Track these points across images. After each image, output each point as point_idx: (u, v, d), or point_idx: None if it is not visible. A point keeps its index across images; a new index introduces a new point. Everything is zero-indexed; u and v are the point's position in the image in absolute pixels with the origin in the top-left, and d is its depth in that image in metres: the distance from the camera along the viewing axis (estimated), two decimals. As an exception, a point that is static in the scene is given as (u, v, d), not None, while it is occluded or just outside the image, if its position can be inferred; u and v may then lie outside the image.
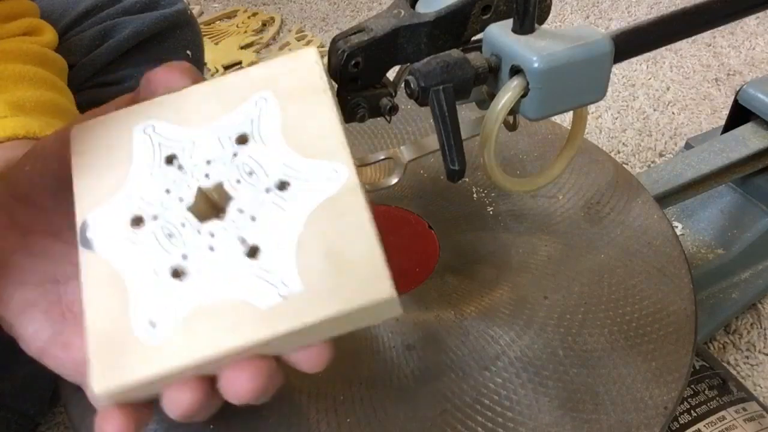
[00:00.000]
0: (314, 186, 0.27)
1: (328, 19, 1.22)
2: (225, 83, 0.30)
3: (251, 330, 0.25)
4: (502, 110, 0.35)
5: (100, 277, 0.27)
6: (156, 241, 0.28)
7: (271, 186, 0.28)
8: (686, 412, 0.47)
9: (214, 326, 0.26)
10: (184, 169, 0.29)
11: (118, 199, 0.29)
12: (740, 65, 1.04)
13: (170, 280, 0.27)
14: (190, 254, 0.27)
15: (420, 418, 0.34)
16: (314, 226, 0.27)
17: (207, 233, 0.27)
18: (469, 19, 0.38)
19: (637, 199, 0.48)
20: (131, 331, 0.26)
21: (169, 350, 0.26)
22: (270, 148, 0.28)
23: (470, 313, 0.40)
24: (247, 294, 0.26)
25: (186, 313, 0.26)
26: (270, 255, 0.27)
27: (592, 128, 0.92)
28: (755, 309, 0.67)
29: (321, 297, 0.26)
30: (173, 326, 0.26)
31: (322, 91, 0.29)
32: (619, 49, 0.35)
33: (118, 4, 0.66)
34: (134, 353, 0.26)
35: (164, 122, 0.29)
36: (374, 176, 0.49)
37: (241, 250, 0.27)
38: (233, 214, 0.28)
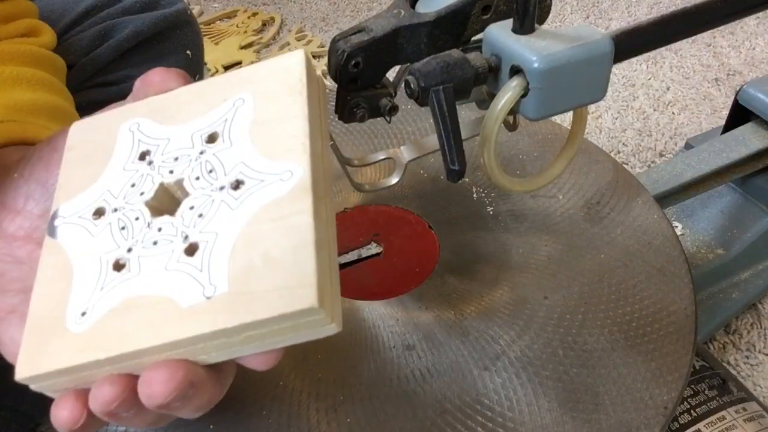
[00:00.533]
0: (266, 186, 0.26)
1: (328, 19, 1.22)
2: (213, 84, 0.30)
3: (168, 329, 0.25)
4: (502, 110, 0.35)
5: (54, 264, 0.28)
6: (110, 232, 0.28)
7: (226, 184, 0.27)
8: (686, 412, 0.47)
9: (135, 321, 0.25)
10: (153, 164, 0.29)
11: (89, 192, 0.29)
12: (740, 65, 1.04)
13: (110, 272, 0.27)
14: (135, 247, 0.27)
15: (420, 418, 0.34)
16: (254, 226, 0.26)
17: (155, 228, 0.27)
18: (469, 19, 0.38)
19: (637, 199, 0.48)
20: (64, 320, 0.26)
21: (90, 342, 0.25)
22: (235, 147, 0.28)
23: (470, 313, 0.40)
24: (173, 291, 0.25)
25: (115, 305, 0.26)
26: (206, 254, 0.26)
27: (592, 128, 0.92)
28: (755, 309, 0.67)
29: (243, 301, 0.24)
30: (99, 317, 0.26)
31: (297, 93, 0.28)
32: (619, 49, 0.35)
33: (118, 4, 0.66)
34: (59, 341, 0.26)
35: (149, 120, 0.30)
36: (374, 176, 0.49)
37: (182, 246, 0.26)
38: (184, 210, 0.27)
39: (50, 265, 0.28)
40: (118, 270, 0.27)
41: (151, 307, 0.25)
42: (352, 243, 0.45)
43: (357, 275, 0.43)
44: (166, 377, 0.24)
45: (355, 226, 0.47)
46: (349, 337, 0.39)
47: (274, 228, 0.25)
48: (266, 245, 0.25)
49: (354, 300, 0.41)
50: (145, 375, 0.24)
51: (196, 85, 0.30)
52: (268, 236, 0.25)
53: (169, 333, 0.25)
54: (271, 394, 0.36)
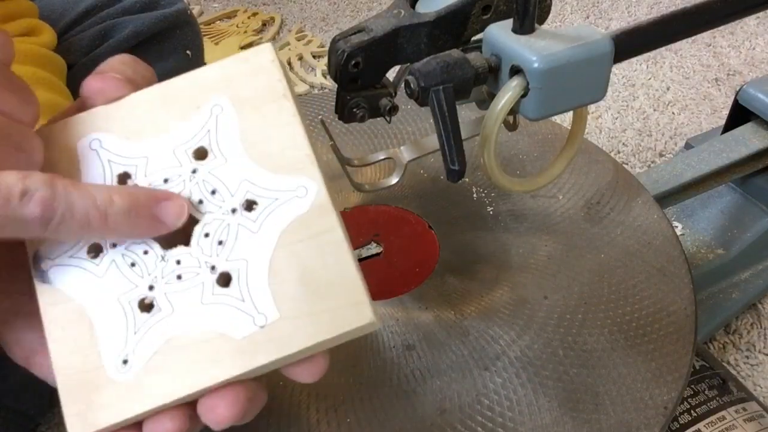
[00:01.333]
0: (283, 205, 0.25)
1: (328, 19, 1.22)
2: (173, 88, 0.27)
3: (229, 363, 0.24)
4: (502, 110, 0.35)
5: (63, 312, 0.26)
6: (118, 270, 0.26)
7: (237, 206, 0.26)
8: (686, 412, 0.47)
9: (190, 360, 0.25)
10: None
11: None
12: (740, 65, 1.04)
13: (139, 313, 0.25)
14: (157, 284, 0.25)
15: (420, 418, 0.34)
16: (286, 248, 0.25)
17: (173, 261, 0.25)
18: (469, 19, 0.38)
19: (637, 199, 0.48)
20: (103, 370, 0.25)
21: (144, 388, 0.25)
22: (231, 163, 0.26)
23: (470, 313, 0.40)
24: (222, 325, 0.25)
25: (158, 347, 0.25)
26: (242, 282, 0.25)
27: (592, 128, 0.92)
28: (755, 309, 0.67)
29: (300, 325, 0.24)
30: (146, 362, 0.25)
31: (283, 97, 0.26)
32: (619, 49, 0.35)
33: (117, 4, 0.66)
34: (108, 393, 0.25)
35: (111, 135, 0.27)
36: (374, 176, 0.49)
37: (212, 278, 0.25)
38: (199, 238, 0.26)
39: (60, 317, 0.26)
40: (147, 310, 0.25)
41: (202, 343, 0.25)
42: (352, 243, 0.45)
43: (357, 275, 0.43)
44: (230, 401, 0.24)
45: (355, 226, 0.47)
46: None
47: (306, 248, 0.25)
48: (304, 266, 0.25)
49: (354, 300, 0.41)
50: (208, 402, 0.24)
51: (150, 92, 0.27)
52: (302, 257, 0.25)
53: (233, 366, 0.24)
54: (271, 394, 0.36)
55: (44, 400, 0.58)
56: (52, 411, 0.59)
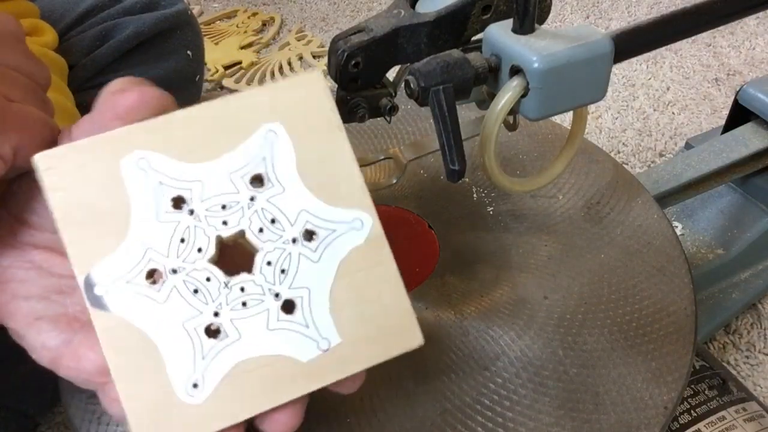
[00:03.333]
0: (341, 236, 0.27)
1: (328, 19, 1.22)
2: (223, 109, 0.26)
3: (295, 384, 0.26)
4: (502, 110, 0.35)
5: (124, 339, 0.25)
6: (181, 297, 0.26)
7: (298, 236, 0.27)
8: (686, 412, 0.47)
9: (258, 383, 0.26)
10: (197, 214, 0.26)
11: (123, 250, 0.26)
12: (740, 65, 1.04)
13: (206, 339, 0.26)
14: (222, 311, 0.26)
15: (420, 418, 0.34)
16: (345, 278, 0.27)
17: (237, 288, 0.26)
18: (469, 19, 0.38)
19: (637, 199, 0.48)
20: (174, 395, 0.26)
21: (215, 411, 0.26)
22: (289, 192, 0.27)
23: (470, 313, 0.40)
24: (288, 350, 0.26)
25: (227, 371, 0.26)
26: (306, 309, 0.26)
27: (592, 128, 0.92)
28: (755, 309, 0.67)
29: (359, 348, 0.27)
30: (216, 386, 0.26)
31: (337, 129, 0.27)
32: (619, 49, 0.35)
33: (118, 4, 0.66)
34: (180, 417, 0.25)
35: (160, 155, 0.26)
36: (374, 176, 0.49)
37: (276, 305, 0.26)
38: (262, 266, 0.26)
39: (121, 343, 0.25)
40: (214, 336, 0.26)
41: (269, 367, 0.26)
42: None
43: (357, 275, 0.43)
44: (290, 415, 0.27)
45: (355, 226, 0.47)
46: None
47: (364, 278, 0.27)
48: (362, 295, 0.27)
49: (354, 300, 0.41)
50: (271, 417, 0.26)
51: (200, 110, 0.26)
52: (360, 286, 0.27)
53: (299, 387, 0.26)
54: (271, 394, 0.36)
55: (45, 399, 0.58)
56: (52, 411, 0.59)
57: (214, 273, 0.26)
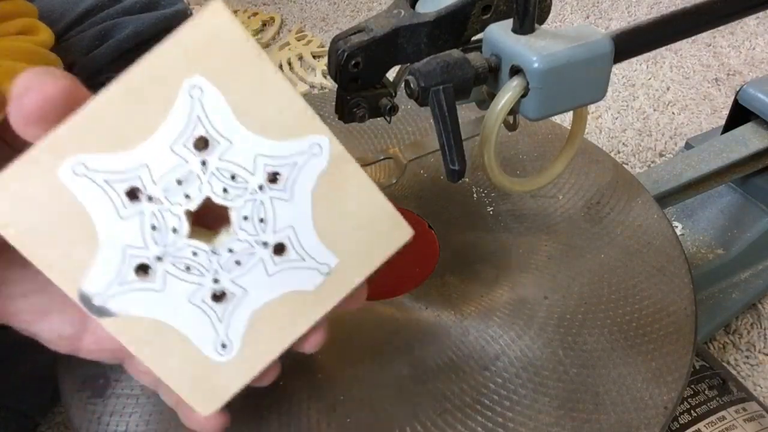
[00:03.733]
0: (304, 167, 0.26)
1: (328, 19, 1.22)
2: (135, 81, 0.24)
3: (312, 311, 0.28)
4: (502, 110, 0.35)
5: (143, 333, 0.27)
6: (176, 279, 0.27)
7: (263, 182, 0.26)
8: (686, 412, 0.47)
9: (278, 322, 0.28)
10: (156, 198, 0.25)
11: (102, 258, 0.26)
12: (740, 65, 1.04)
13: (217, 305, 0.27)
14: (220, 276, 0.27)
15: (420, 418, 0.34)
16: (322, 203, 0.27)
17: (225, 251, 0.27)
18: (469, 19, 0.38)
19: (637, 199, 0.48)
20: (208, 360, 0.28)
21: (248, 359, 0.28)
22: (237, 143, 0.25)
23: (470, 313, 0.40)
24: (294, 286, 0.28)
25: (247, 324, 0.28)
26: (297, 246, 0.27)
27: (592, 128, 0.92)
28: (755, 309, 0.67)
29: (358, 260, 0.28)
30: (242, 339, 0.28)
31: (257, 57, 0.25)
32: (619, 49, 0.35)
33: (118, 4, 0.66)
34: (221, 375, 0.28)
35: (94, 155, 0.24)
36: (374, 176, 0.49)
37: (267, 252, 0.27)
38: (240, 223, 0.27)
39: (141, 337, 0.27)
40: (222, 300, 0.28)
41: (283, 306, 0.28)
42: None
43: (357, 275, 0.43)
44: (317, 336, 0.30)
45: (355, 226, 0.47)
46: (349, 337, 0.39)
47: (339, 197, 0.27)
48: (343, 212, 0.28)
49: (354, 300, 0.41)
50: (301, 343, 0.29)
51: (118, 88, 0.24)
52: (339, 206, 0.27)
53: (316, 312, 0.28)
54: (271, 394, 0.36)
55: (45, 400, 0.58)
56: (52, 411, 0.59)
57: (198, 246, 0.26)
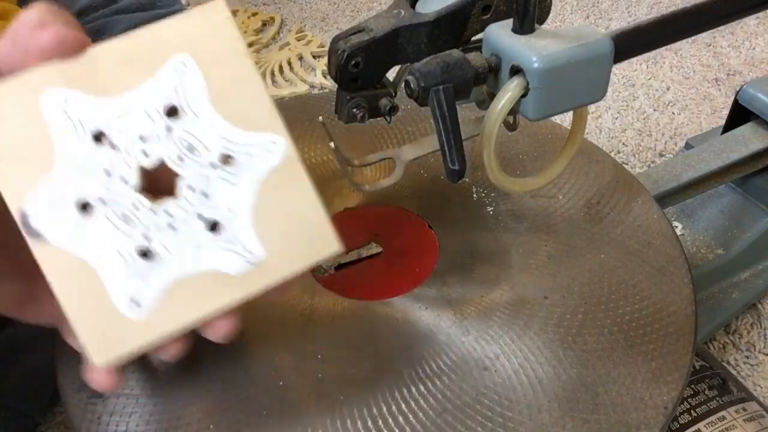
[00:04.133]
0: (257, 158, 0.29)
1: (328, 19, 1.22)
2: (133, 44, 0.28)
3: (228, 295, 0.29)
4: (502, 110, 0.35)
5: (66, 267, 0.28)
6: (111, 224, 0.28)
7: (215, 161, 0.28)
8: (686, 412, 0.47)
9: (194, 296, 0.29)
10: (118, 147, 0.28)
11: (52, 185, 0.27)
12: (740, 65, 1.04)
13: (141, 261, 0.28)
14: (152, 234, 0.28)
15: (420, 418, 0.34)
16: (265, 196, 0.29)
17: (163, 212, 0.28)
18: (469, 19, 0.38)
19: (637, 199, 0.48)
20: (116, 311, 0.28)
21: (157, 322, 0.29)
22: (203, 120, 0.28)
23: (470, 313, 0.40)
24: (218, 265, 0.29)
25: (165, 287, 0.29)
26: (230, 228, 0.29)
27: (592, 128, 0.92)
28: (755, 309, 0.67)
29: (283, 259, 0.29)
30: (156, 301, 0.29)
31: (243, 56, 0.28)
32: (619, 49, 0.35)
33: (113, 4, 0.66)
34: (125, 328, 0.28)
35: (77, 92, 0.27)
36: (374, 176, 0.49)
37: (202, 225, 0.29)
38: (184, 191, 0.29)
39: (62, 270, 0.28)
40: (147, 258, 0.28)
41: (202, 281, 0.29)
42: (352, 243, 0.45)
43: (357, 275, 0.43)
44: (227, 323, 0.30)
45: (355, 226, 0.47)
46: (349, 336, 0.39)
47: (282, 195, 0.29)
48: (282, 210, 0.29)
49: (354, 300, 0.41)
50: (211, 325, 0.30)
51: (113, 45, 0.27)
52: (279, 203, 0.29)
53: (232, 297, 0.29)
54: (271, 394, 0.36)
55: (45, 400, 0.58)
56: (52, 411, 0.59)
57: (140, 201, 0.28)
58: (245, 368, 0.37)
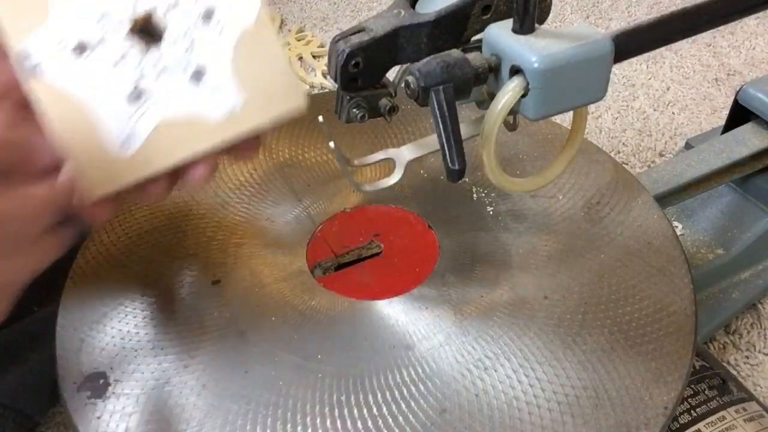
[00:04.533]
0: (234, 17, 0.32)
1: (328, 19, 1.22)
2: None
3: (207, 139, 0.32)
4: (502, 110, 0.35)
5: (62, 104, 0.30)
6: (105, 67, 0.31)
7: (201, 14, 0.32)
8: (686, 412, 0.47)
9: (178, 136, 0.32)
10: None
11: (51, 26, 0.30)
12: (740, 65, 1.04)
13: (132, 101, 0.31)
14: (143, 78, 0.31)
15: (420, 418, 0.34)
16: (241, 52, 0.32)
17: (153, 59, 0.31)
18: (469, 19, 0.38)
19: (637, 199, 0.48)
20: (109, 150, 0.31)
21: (145, 159, 0.31)
22: None
23: (470, 313, 0.40)
24: (200, 109, 0.32)
25: (152, 127, 0.31)
26: (214, 76, 0.32)
27: (592, 128, 0.92)
28: (755, 309, 0.67)
29: (255, 109, 0.33)
30: (144, 140, 0.31)
31: None
32: (619, 49, 0.35)
33: None
34: (115, 165, 0.31)
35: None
36: (374, 176, 0.49)
37: (188, 72, 0.32)
38: (171, 41, 0.32)
39: (57, 106, 0.30)
40: (139, 98, 0.31)
41: (187, 123, 0.32)
42: (352, 243, 0.45)
43: (357, 275, 0.43)
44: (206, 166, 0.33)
45: (355, 226, 0.47)
46: (350, 337, 0.39)
47: (255, 53, 0.32)
48: (255, 66, 0.32)
49: (354, 300, 0.41)
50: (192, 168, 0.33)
51: None
52: (254, 59, 0.32)
53: (211, 139, 0.32)
54: (271, 394, 0.36)
55: (43, 399, 0.58)
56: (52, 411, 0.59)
57: (134, 44, 0.31)
58: (245, 368, 0.37)
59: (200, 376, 0.37)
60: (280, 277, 0.43)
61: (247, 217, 0.47)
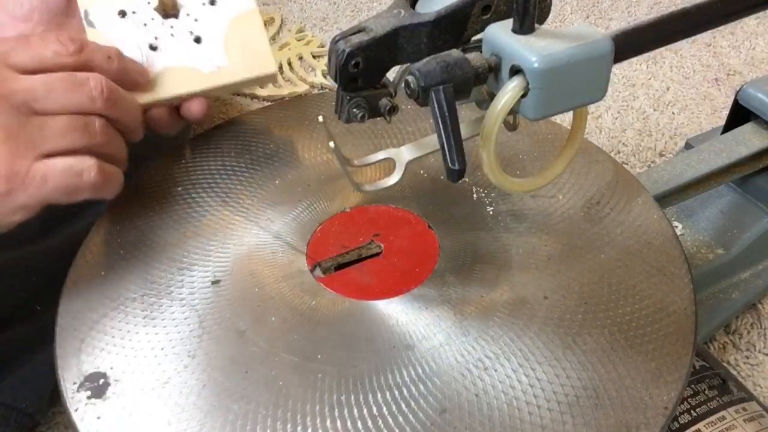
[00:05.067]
0: (232, 3, 0.50)
1: (328, 19, 1.22)
2: None
3: (199, 83, 0.48)
4: (502, 110, 0.35)
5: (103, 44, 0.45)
6: (135, 27, 0.48)
7: (207, 1, 0.50)
8: (686, 412, 0.47)
9: (179, 77, 0.48)
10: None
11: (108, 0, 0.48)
12: (740, 65, 1.04)
13: (149, 51, 0.48)
14: (159, 37, 0.48)
15: (420, 418, 0.34)
16: (232, 28, 0.50)
17: (168, 26, 0.49)
18: (469, 19, 0.38)
19: (637, 199, 0.48)
20: None
21: (155, 88, 0.47)
22: None
23: (470, 313, 0.40)
24: (196, 63, 0.49)
25: (161, 68, 0.48)
26: (208, 43, 0.49)
27: (592, 128, 0.92)
28: (755, 309, 0.67)
29: (238, 68, 0.49)
30: (154, 75, 0.48)
31: None
32: (619, 49, 0.35)
33: None
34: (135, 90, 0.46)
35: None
36: (374, 176, 0.49)
37: (191, 38, 0.49)
38: (184, 15, 0.49)
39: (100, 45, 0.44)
40: (154, 50, 0.48)
41: (186, 70, 0.48)
42: (352, 243, 0.45)
43: (357, 275, 0.43)
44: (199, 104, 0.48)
45: (355, 226, 0.47)
46: (349, 337, 0.39)
47: (243, 29, 0.50)
48: (242, 39, 0.50)
49: (354, 300, 0.41)
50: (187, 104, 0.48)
51: None
52: (241, 34, 0.50)
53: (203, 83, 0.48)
54: (271, 394, 0.36)
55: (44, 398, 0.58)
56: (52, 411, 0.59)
57: (156, 16, 0.49)
58: (245, 368, 0.37)
59: (200, 376, 0.37)
60: (280, 277, 0.43)
61: (247, 217, 0.47)
